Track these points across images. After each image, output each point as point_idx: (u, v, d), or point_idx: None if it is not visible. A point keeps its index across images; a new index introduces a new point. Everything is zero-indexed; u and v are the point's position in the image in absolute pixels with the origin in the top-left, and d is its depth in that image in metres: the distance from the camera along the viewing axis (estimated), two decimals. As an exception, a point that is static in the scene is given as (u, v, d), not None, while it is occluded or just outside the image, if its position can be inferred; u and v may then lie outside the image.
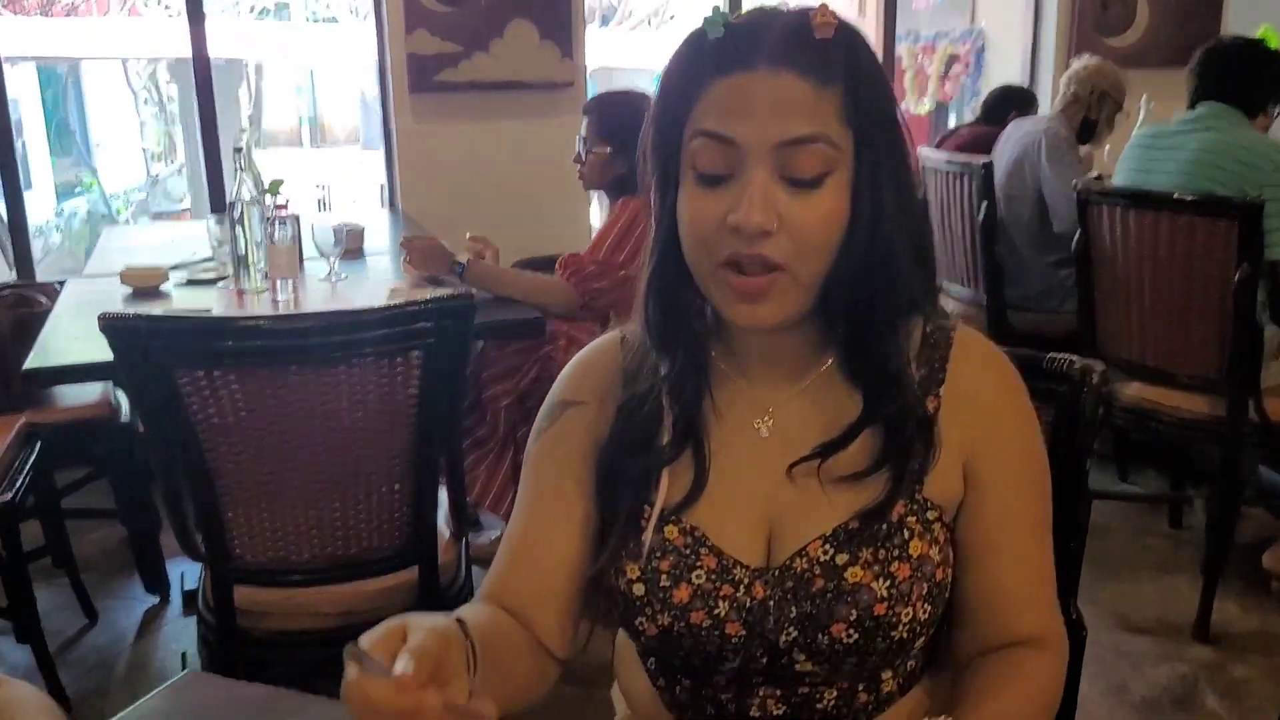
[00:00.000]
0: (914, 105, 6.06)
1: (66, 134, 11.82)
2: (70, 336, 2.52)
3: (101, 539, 3.34)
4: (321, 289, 3.00)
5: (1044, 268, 3.63)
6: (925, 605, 1.01)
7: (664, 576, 1.03)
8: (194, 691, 1.18)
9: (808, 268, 0.96)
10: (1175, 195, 2.82)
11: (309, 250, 3.10)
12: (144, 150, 12.79)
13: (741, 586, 1.02)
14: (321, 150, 13.43)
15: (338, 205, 10.18)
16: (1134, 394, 2.95)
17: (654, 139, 1.01)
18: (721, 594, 1.02)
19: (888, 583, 0.99)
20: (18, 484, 2.62)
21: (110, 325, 1.69)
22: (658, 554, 1.03)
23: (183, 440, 1.77)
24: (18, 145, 4.06)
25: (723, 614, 1.02)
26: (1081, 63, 3.80)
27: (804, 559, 1.01)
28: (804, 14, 0.95)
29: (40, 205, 10.46)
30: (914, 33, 6.06)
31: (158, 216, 11.62)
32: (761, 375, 1.07)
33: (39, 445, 2.82)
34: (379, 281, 3.07)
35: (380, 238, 3.71)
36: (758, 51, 0.94)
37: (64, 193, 11.45)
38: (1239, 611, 2.90)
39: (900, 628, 1.00)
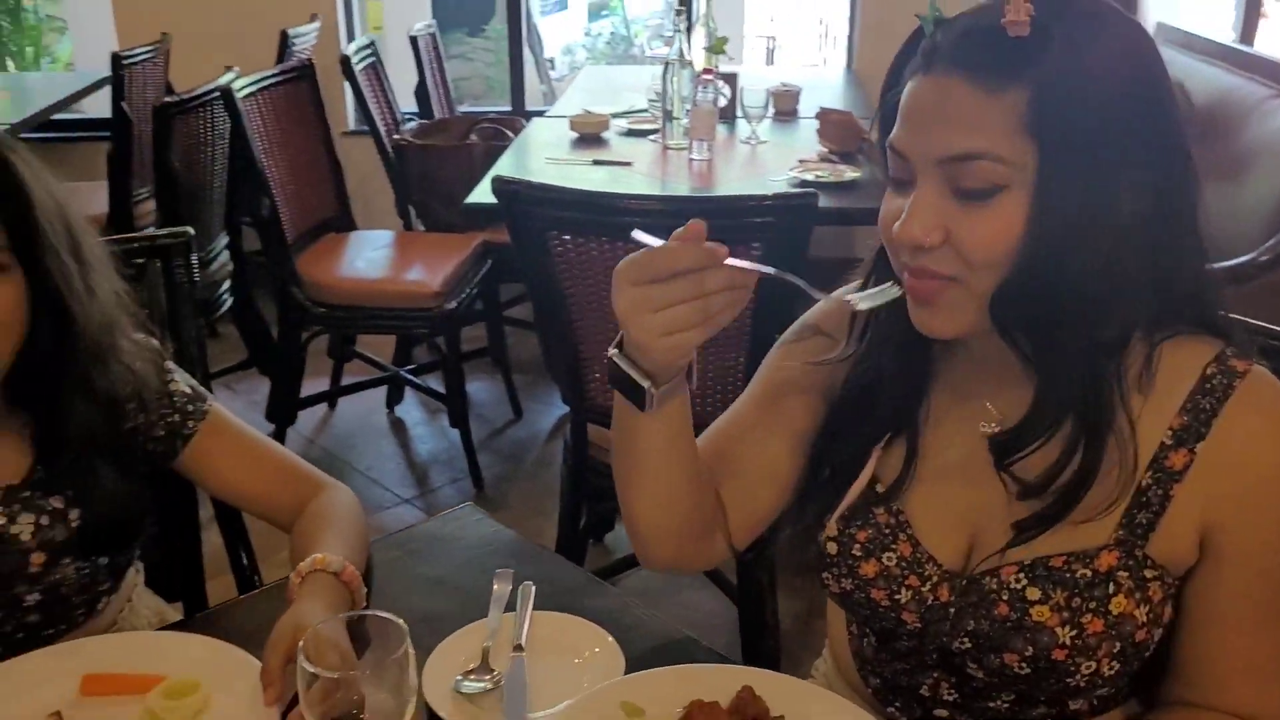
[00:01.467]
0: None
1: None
2: (510, 173, 2.89)
3: (535, 348, 3.84)
4: (739, 151, 3.14)
5: None
6: (1113, 663, 0.94)
7: (857, 546, 1.04)
8: (460, 523, 1.42)
9: (981, 282, 0.90)
10: None
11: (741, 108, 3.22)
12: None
13: (929, 583, 1.02)
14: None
15: (783, 58, 9.92)
16: None
17: (879, 132, 0.98)
18: (907, 583, 1.02)
19: (1074, 632, 0.93)
20: (463, 294, 3.10)
21: (500, 189, 1.94)
22: (858, 523, 1.05)
23: (550, 293, 2.02)
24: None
25: (903, 601, 1.03)
26: None
27: (995, 579, 0.97)
28: (997, 7, 0.85)
29: (573, 25, 11.44)
30: None
31: (668, 42, 12.29)
32: (985, 376, 1.01)
33: (490, 262, 3.30)
34: (797, 149, 3.14)
35: (820, 97, 3.73)
36: (938, 51, 0.88)
37: (594, 14, 12.43)
38: None
39: (1078, 677, 0.95)
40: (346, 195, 3.42)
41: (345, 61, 3.38)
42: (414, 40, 3.92)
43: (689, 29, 3.25)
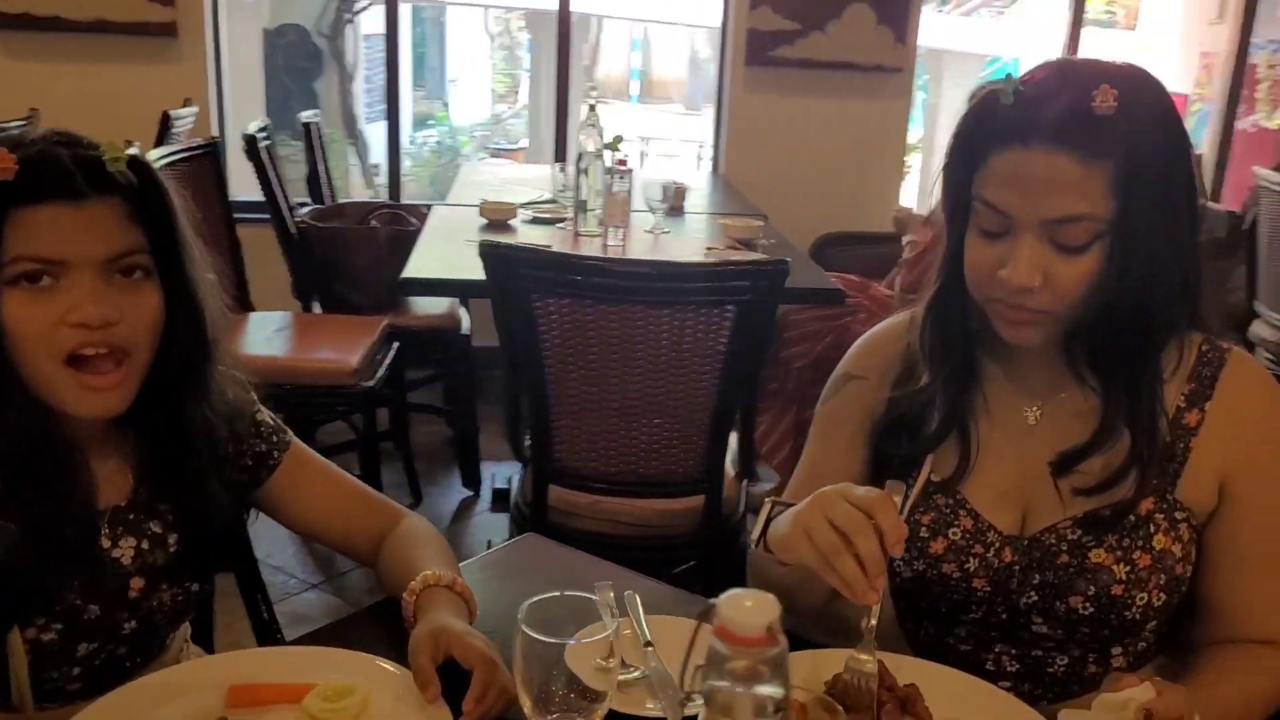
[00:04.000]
0: (1265, 118, 5.68)
1: (426, 69, 12.96)
2: (439, 255, 2.95)
3: (432, 433, 3.84)
4: (646, 239, 3.30)
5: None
6: (1161, 594, 1.14)
7: (923, 529, 1.21)
8: (528, 547, 1.47)
9: (1068, 312, 1.10)
10: None
11: (637, 203, 3.41)
12: (491, 91, 13.80)
13: (992, 549, 1.19)
14: (645, 106, 13.98)
15: (654, 162, 10.61)
16: None
17: (945, 187, 1.16)
18: (973, 552, 1.19)
19: (1128, 568, 1.13)
20: (378, 374, 3.10)
21: (487, 252, 2.02)
22: (920, 509, 1.21)
23: (529, 353, 2.10)
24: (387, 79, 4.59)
25: (972, 569, 1.19)
26: None
27: (1053, 534, 1.16)
28: (1086, 92, 1.03)
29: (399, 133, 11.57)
30: (1276, 41, 5.65)
31: (496, 154, 12.56)
32: (1031, 378, 1.21)
33: (396, 345, 3.31)
34: (697, 239, 3.34)
35: (698, 198, 3.98)
36: (1037, 128, 1.04)
37: (419, 123, 12.59)
38: None
39: (1134, 609, 1.14)
40: (245, 276, 3.38)
41: (251, 141, 3.37)
42: (306, 127, 3.95)
43: (596, 126, 3.43)
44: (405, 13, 11.52)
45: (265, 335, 3.19)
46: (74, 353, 1.06)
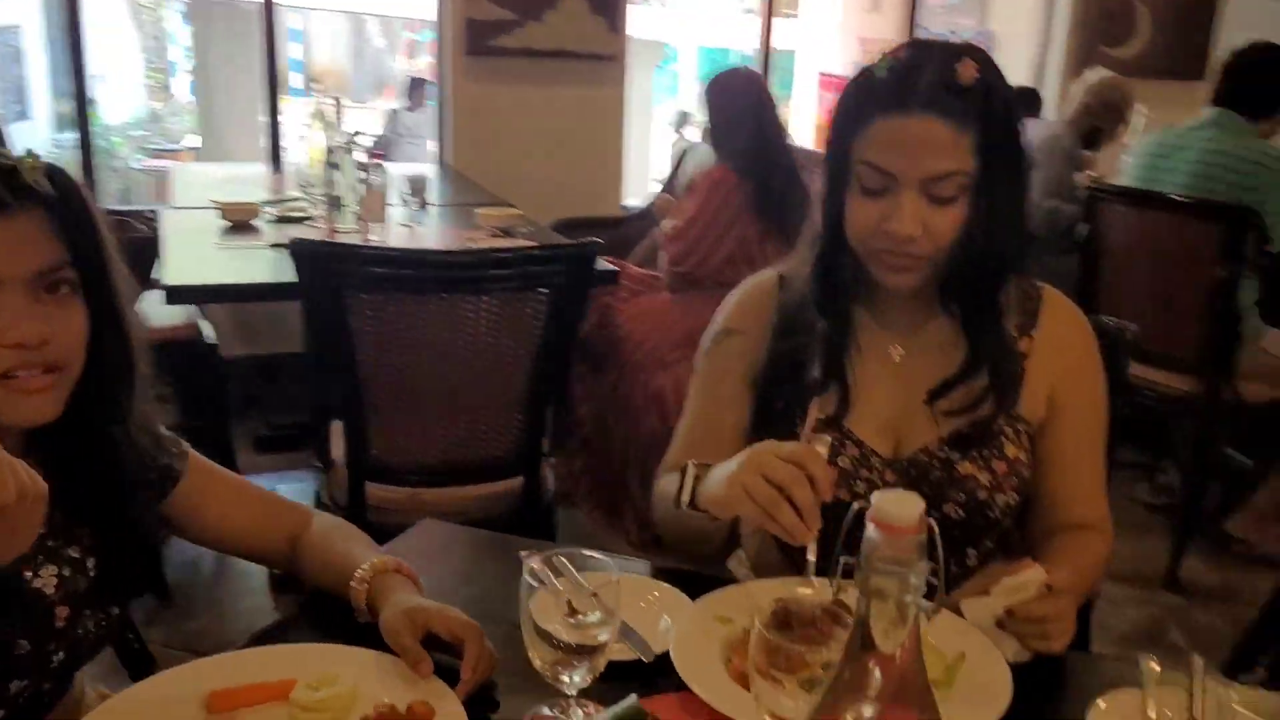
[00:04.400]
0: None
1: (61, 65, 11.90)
2: (198, 260, 2.81)
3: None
4: (403, 233, 3.30)
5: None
6: (1015, 494, 1.36)
7: None
8: (427, 534, 1.50)
9: (939, 256, 1.29)
10: (1172, 196, 3.18)
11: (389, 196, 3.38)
12: (145, 87, 12.85)
13: (876, 472, 1.37)
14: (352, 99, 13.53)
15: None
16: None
17: (828, 156, 1.33)
18: (860, 476, 1.36)
19: (989, 475, 1.34)
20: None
21: (298, 249, 1.99)
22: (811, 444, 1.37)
23: (341, 350, 2.08)
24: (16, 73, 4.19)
25: (861, 492, 1.36)
26: (1096, 76, 4.16)
27: (926, 454, 1.36)
28: (949, 65, 1.22)
29: (37, 135, 10.53)
30: (924, 30, 6.38)
31: (157, 154, 11.72)
32: (895, 319, 1.41)
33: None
34: (455, 230, 3.36)
35: (430, 190, 3.98)
36: (912, 97, 1.22)
37: (62, 124, 11.53)
38: (1203, 568, 3.30)
39: (996, 510, 1.35)
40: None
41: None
42: (-1, 132, 3.60)
43: (332, 121, 3.37)
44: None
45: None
46: (6, 373, 1.00)
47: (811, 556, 1.17)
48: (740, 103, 3.33)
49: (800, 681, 0.95)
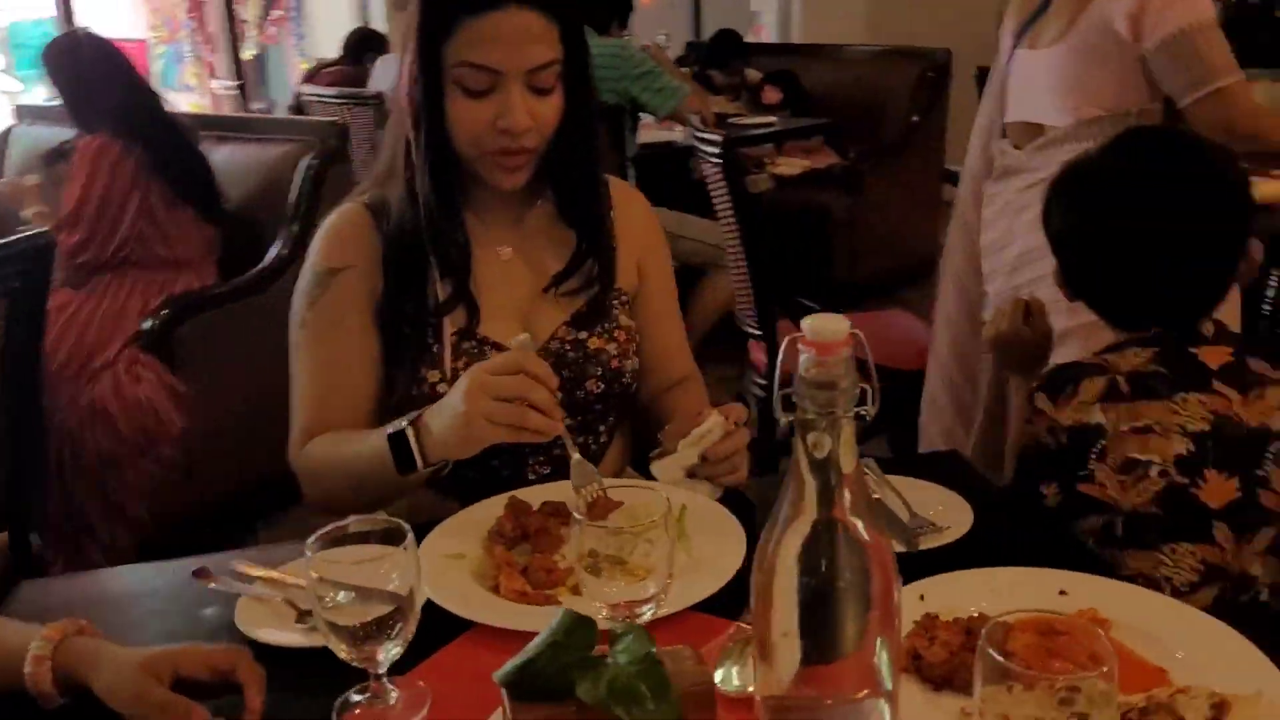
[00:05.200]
0: (242, 51, 6.14)
1: None
2: None
3: None
4: None
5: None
6: (634, 359, 1.46)
7: (463, 372, 1.32)
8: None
9: (543, 147, 1.34)
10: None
11: None
12: None
13: None
14: None
15: None
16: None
17: (418, 71, 1.29)
18: None
19: (615, 345, 1.43)
20: None
21: None
22: (454, 359, 1.36)
23: None
24: None
25: None
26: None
27: (558, 340, 1.41)
28: None
29: None
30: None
31: None
32: (498, 219, 1.43)
33: None
34: None
35: None
36: None
37: None
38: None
39: (627, 375, 1.45)
40: None
41: None
42: None
43: None
44: None
45: None
46: None
47: (569, 442, 1.21)
48: (99, 65, 2.97)
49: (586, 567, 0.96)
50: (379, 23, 5.52)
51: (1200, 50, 1.94)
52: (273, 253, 2.85)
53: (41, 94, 4.57)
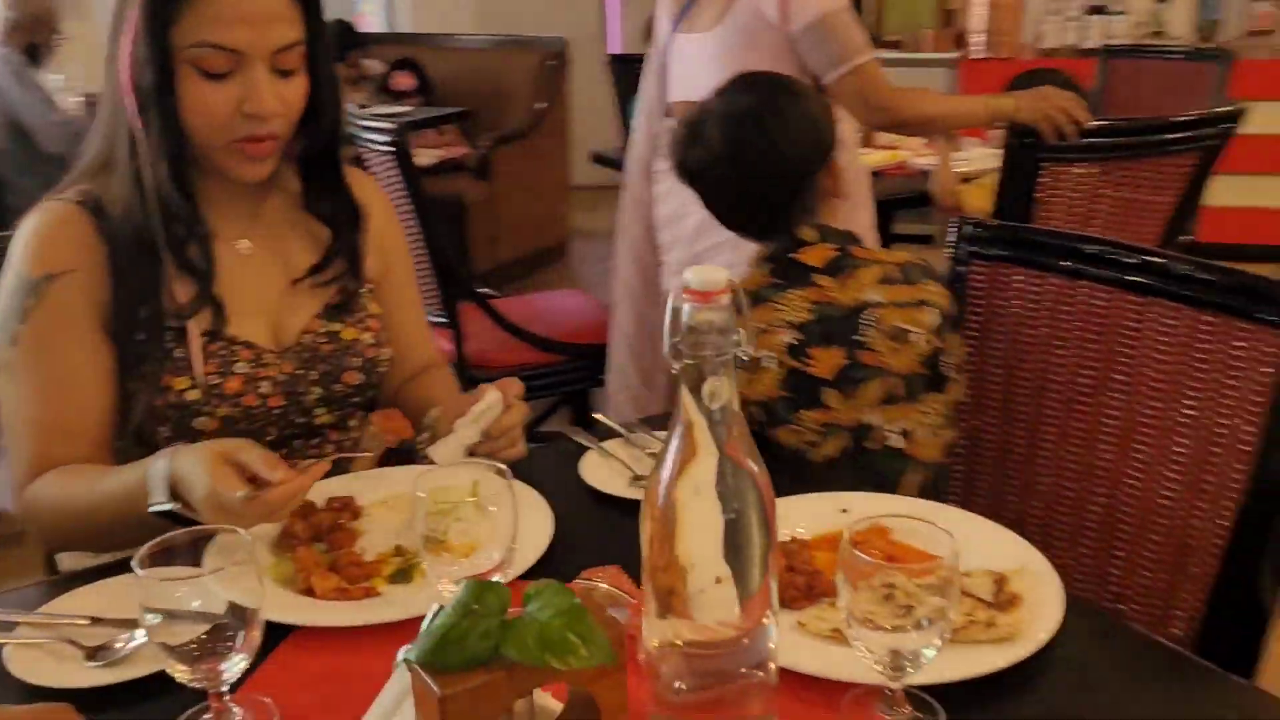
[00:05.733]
0: None
1: None
2: None
3: None
4: None
5: (34, 187, 3.70)
6: (386, 347, 1.42)
7: (214, 377, 1.25)
8: None
9: (290, 131, 1.27)
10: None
11: None
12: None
13: (274, 367, 1.30)
14: None
15: None
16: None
17: (144, 45, 1.17)
18: (262, 377, 1.29)
19: (369, 334, 1.39)
20: None
21: None
22: (206, 363, 1.25)
23: None
24: None
25: (267, 391, 1.29)
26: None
27: (310, 334, 1.34)
28: None
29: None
30: None
31: None
32: (232, 211, 1.33)
33: None
34: None
35: None
36: None
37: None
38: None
39: (382, 363, 1.40)
40: None
41: None
42: None
43: None
44: None
45: None
46: None
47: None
48: None
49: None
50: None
51: (839, 32, 2.17)
52: None
53: None
